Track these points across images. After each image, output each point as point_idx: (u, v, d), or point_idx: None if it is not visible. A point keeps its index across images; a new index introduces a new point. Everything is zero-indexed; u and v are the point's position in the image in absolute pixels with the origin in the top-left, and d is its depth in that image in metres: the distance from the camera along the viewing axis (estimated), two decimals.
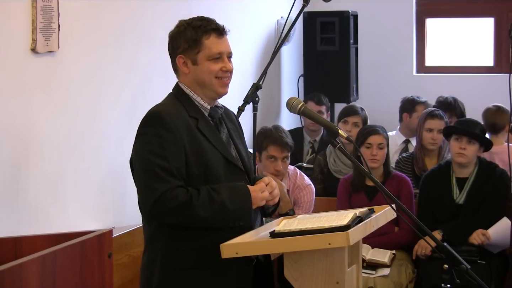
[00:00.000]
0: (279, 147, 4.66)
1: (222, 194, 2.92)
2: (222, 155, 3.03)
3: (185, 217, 2.88)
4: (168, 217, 2.90)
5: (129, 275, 4.08)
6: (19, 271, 2.36)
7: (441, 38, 7.63)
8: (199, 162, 2.96)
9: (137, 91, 4.57)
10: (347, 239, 2.73)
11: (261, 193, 3.02)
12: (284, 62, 7.03)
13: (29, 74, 3.69)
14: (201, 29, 3.03)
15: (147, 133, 2.94)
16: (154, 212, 2.89)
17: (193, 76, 3.05)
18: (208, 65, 3.03)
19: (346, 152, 3.14)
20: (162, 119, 2.94)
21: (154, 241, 3.01)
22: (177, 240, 2.95)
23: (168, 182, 2.87)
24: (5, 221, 3.52)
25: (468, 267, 2.95)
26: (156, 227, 2.99)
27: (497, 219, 4.84)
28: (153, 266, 3.00)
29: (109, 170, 4.30)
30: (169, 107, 3.01)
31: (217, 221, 2.92)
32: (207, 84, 3.05)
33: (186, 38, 3.03)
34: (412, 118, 6.13)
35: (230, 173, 3.04)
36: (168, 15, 3.35)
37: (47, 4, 3.74)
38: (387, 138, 5.09)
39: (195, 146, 2.96)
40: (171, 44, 3.09)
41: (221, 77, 3.05)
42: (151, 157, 2.90)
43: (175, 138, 2.92)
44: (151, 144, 2.92)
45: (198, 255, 2.92)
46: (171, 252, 2.96)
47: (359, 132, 5.20)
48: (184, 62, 3.05)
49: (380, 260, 4.76)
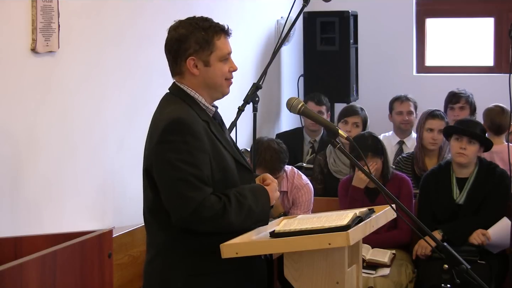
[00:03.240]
0: (267, 170, 4.61)
1: (248, 197, 2.93)
2: (233, 157, 3.02)
3: (219, 224, 2.88)
4: (204, 225, 2.87)
5: (129, 275, 4.08)
6: (19, 271, 2.36)
7: (441, 38, 7.63)
8: (220, 166, 2.94)
9: (137, 91, 4.57)
10: (347, 239, 2.73)
11: (275, 192, 3.06)
12: (284, 62, 7.04)
13: (29, 74, 3.70)
14: (211, 30, 2.99)
15: (174, 141, 2.87)
16: (191, 220, 2.85)
17: (203, 77, 2.99)
18: (220, 67, 3.00)
19: (346, 152, 3.14)
20: (187, 126, 2.88)
21: (173, 247, 2.95)
22: (200, 245, 2.92)
23: (203, 190, 2.85)
24: (5, 221, 3.52)
25: (468, 267, 2.95)
26: (174, 233, 2.93)
27: (497, 219, 4.84)
28: (173, 272, 2.95)
29: (109, 170, 4.30)
30: (187, 113, 2.94)
31: (244, 224, 2.94)
32: (218, 85, 3.02)
33: (197, 39, 2.96)
34: (392, 115, 6.32)
35: (242, 174, 3.04)
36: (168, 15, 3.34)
37: (47, 4, 3.74)
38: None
39: (215, 151, 2.94)
40: (176, 46, 2.98)
41: (229, 78, 3.04)
42: (183, 165, 2.84)
43: (202, 145, 2.89)
44: (180, 152, 2.86)
45: (218, 258, 2.86)
46: (195, 258, 2.94)
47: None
48: (195, 64, 2.97)
49: (380, 260, 4.76)
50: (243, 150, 5.16)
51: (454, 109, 6.17)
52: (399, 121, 6.24)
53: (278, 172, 4.72)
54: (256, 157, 4.57)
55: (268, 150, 4.72)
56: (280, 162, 4.74)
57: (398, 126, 6.27)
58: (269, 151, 4.72)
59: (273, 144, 4.80)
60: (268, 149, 4.73)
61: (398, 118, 6.24)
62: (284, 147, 4.85)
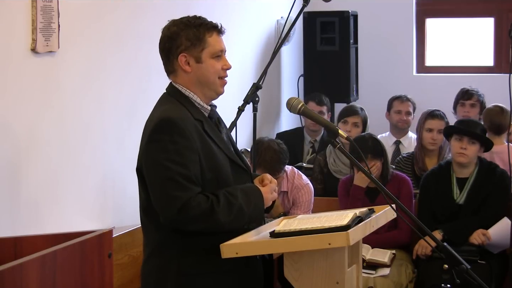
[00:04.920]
0: (267, 171, 4.61)
1: (239, 197, 2.91)
2: (228, 156, 3.01)
3: (207, 224, 2.86)
4: (191, 224, 2.86)
5: (129, 275, 4.08)
6: (19, 271, 2.36)
7: (441, 38, 7.63)
8: (211, 166, 2.93)
9: (137, 91, 4.57)
10: (347, 239, 2.73)
11: (270, 194, 3.03)
12: (284, 62, 7.04)
13: (29, 74, 3.70)
14: (203, 27, 3.00)
15: (161, 141, 2.87)
16: (178, 220, 2.85)
17: (195, 75, 3.00)
18: (213, 63, 3.00)
19: (346, 152, 3.14)
20: (176, 125, 2.88)
21: (165, 247, 2.96)
22: (193, 245, 2.92)
23: (190, 190, 2.83)
24: (5, 221, 3.52)
25: (468, 267, 2.94)
26: (167, 233, 2.94)
27: (497, 219, 4.84)
28: (165, 272, 2.95)
29: (109, 170, 4.30)
30: (178, 112, 2.95)
31: (235, 224, 2.91)
32: (210, 83, 3.02)
33: (188, 36, 2.98)
34: (390, 114, 6.33)
35: (236, 174, 3.02)
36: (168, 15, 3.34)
37: (47, 4, 3.74)
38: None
39: (206, 150, 2.93)
40: (168, 44, 3.00)
41: (223, 76, 3.03)
42: (170, 164, 2.84)
43: (191, 144, 2.88)
44: (167, 151, 2.85)
45: (214, 258, 2.87)
46: (187, 258, 2.93)
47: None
48: (186, 60, 2.99)
49: (380, 260, 4.76)
50: (243, 150, 5.17)
51: (465, 106, 6.18)
52: (396, 120, 6.26)
53: (278, 172, 4.72)
54: (256, 157, 4.57)
55: (268, 151, 4.72)
56: (280, 162, 4.74)
57: (395, 125, 6.29)
58: (269, 152, 4.72)
59: (273, 144, 4.80)
60: (268, 149, 4.73)
61: (395, 117, 6.26)
62: (284, 147, 4.85)
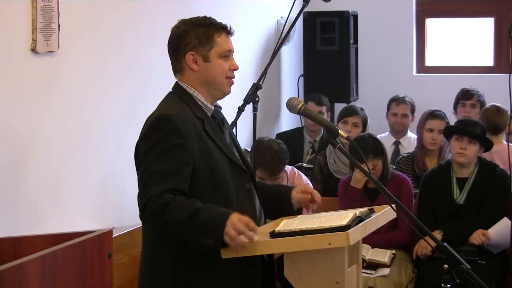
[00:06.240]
0: (267, 172, 4.59)
1: (201, 206, 2.77)
2: (228, 157, 2.99)
3: (162, 220, 2.77)
4: (152, 220, 2.80)
5: (129, 275, 4.08)
6: (19, 271, 2.36)
7: (441, 38, 7.63)
8: (206, 165, 2.91)
9: (137, 91, 4.57)
10: (347, 239, 2.73)
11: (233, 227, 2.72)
12: (284, 62, 7.04)
13: (29, 74, 3.70)
14: (212, 26, 3.00)
15: (153, 137, 2.87)
16: (143, 217, 2.82)
17: (202, 73, 3.00)
18: (220, 63, 2.99)
19: (346, 152, 3.13)
20: (171, 123, 2.87)
21: (161, 247, 2.94)
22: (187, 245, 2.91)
23: (160, 185, 2.78)
24: (5, 221, 3.52)
25: (468, 267, 2.94)
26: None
27: (497, 219, 4.84)
28: (161, 272, 2.95)
29: (109, 170, 4.30)
30: (176, 110, 2.94)
31: (188, 230, 2.77)
32: (217, 82, 3.01)
33: (197, 35, 2.98)
34: (388, 115, 6.37)
35: (235, 174, 3.01)
36: (168, 15, 3.35)
37: (47, 4, 3.74)
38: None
39: (203, 150, 2.91)
40: (177, 42, 3.00)
41: (230, 77, 3.03)
42: (155, 161, 2.82)
43: (184, 142, 2.86)
44: (157, 148, 2.85)
45: (209, 259, 2.86)
46: (182, 258, 2.91)
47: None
48: (194, 59, 2.98)
49: (380, 260, 4.75)
50: (243, 150, 5.16)
51: (465, 106, 6.20)
52: (392, 122, 6.33)
53: (279, 172, 4.72)
54: (256, 157, 4.57)
55: (269, 151, 4.72)
56: (280, 162, 4.74)
57: (392, 127, 6.34)
58: (270, 152, 4.72)
59: (274, 144, 4.80)
60: (268, 149, 4.73)
61: (392, 119, 6.33)
62: (285, 147, 4.85)
